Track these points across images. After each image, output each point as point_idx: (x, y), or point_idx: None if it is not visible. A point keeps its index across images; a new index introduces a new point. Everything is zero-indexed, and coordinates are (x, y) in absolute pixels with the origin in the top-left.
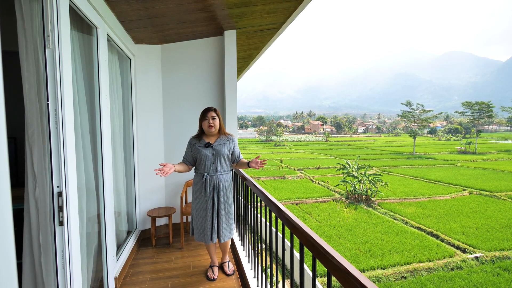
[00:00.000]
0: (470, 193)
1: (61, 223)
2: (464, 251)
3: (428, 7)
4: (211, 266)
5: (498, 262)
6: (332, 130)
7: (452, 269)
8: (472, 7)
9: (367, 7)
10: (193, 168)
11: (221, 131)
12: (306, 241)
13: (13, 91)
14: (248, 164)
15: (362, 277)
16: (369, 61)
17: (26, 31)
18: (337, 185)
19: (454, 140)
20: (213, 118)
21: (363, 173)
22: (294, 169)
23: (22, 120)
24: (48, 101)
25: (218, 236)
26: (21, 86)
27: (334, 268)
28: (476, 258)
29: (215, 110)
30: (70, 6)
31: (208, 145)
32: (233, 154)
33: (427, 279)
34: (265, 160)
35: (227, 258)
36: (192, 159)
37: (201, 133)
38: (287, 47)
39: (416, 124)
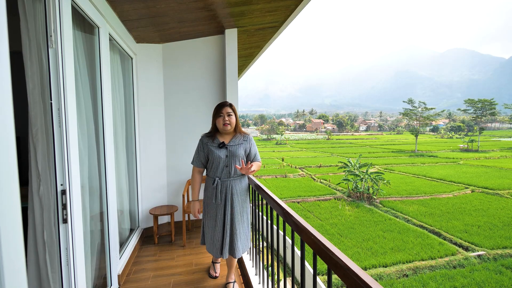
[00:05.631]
0: (472, 191)
1: (65, 221)
2: (466, 249)
3: (429, 3)
4: (213, 263)
5: (501, 260)
6: (333, 128)
7: (454, 267)
8: (474, 3)
9: (367, 5)
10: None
11: (237, 129)
12: (307, 238)
13: (16, 91)
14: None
15: (362, 273)
16: (370, 59)
17: (29, 31)
18: (339, 183)
19: (456, 138)
20: (229, 115)
21: (365, 171)
22: (295, 167)
23: (26, 119)
24: (51, 100)
25: (232, 252)
26: (25, 86)
27: (335, 265)
28: (479, 256)
29: (230, 105)
30: (72, 6)
31: (222, 145)
32: (249, 155)
33: (429, 277)
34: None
35: (233, 277)
36: (204, 159)
37: (215, 131)
38: (288, 45)
39: (418, 122)
